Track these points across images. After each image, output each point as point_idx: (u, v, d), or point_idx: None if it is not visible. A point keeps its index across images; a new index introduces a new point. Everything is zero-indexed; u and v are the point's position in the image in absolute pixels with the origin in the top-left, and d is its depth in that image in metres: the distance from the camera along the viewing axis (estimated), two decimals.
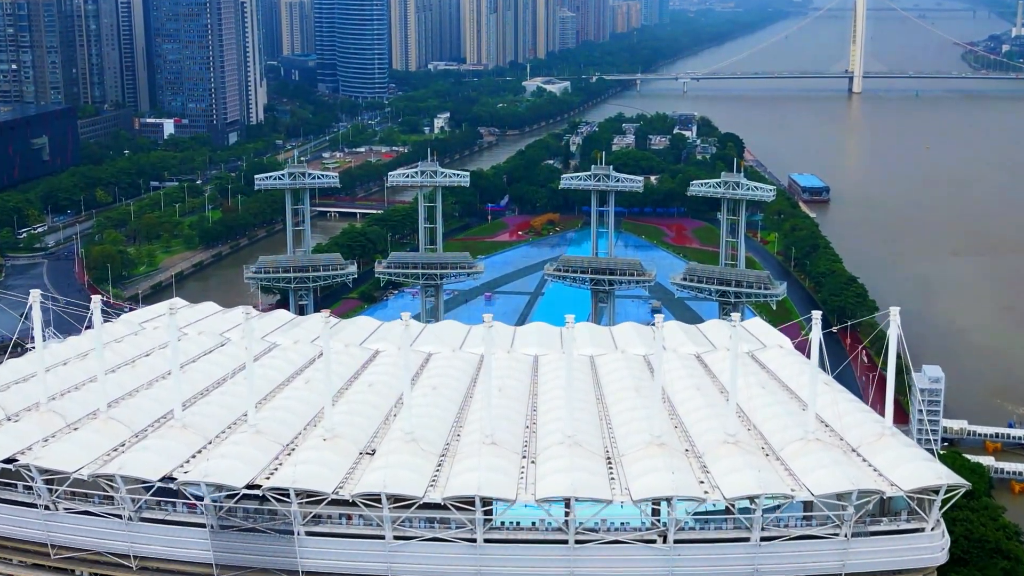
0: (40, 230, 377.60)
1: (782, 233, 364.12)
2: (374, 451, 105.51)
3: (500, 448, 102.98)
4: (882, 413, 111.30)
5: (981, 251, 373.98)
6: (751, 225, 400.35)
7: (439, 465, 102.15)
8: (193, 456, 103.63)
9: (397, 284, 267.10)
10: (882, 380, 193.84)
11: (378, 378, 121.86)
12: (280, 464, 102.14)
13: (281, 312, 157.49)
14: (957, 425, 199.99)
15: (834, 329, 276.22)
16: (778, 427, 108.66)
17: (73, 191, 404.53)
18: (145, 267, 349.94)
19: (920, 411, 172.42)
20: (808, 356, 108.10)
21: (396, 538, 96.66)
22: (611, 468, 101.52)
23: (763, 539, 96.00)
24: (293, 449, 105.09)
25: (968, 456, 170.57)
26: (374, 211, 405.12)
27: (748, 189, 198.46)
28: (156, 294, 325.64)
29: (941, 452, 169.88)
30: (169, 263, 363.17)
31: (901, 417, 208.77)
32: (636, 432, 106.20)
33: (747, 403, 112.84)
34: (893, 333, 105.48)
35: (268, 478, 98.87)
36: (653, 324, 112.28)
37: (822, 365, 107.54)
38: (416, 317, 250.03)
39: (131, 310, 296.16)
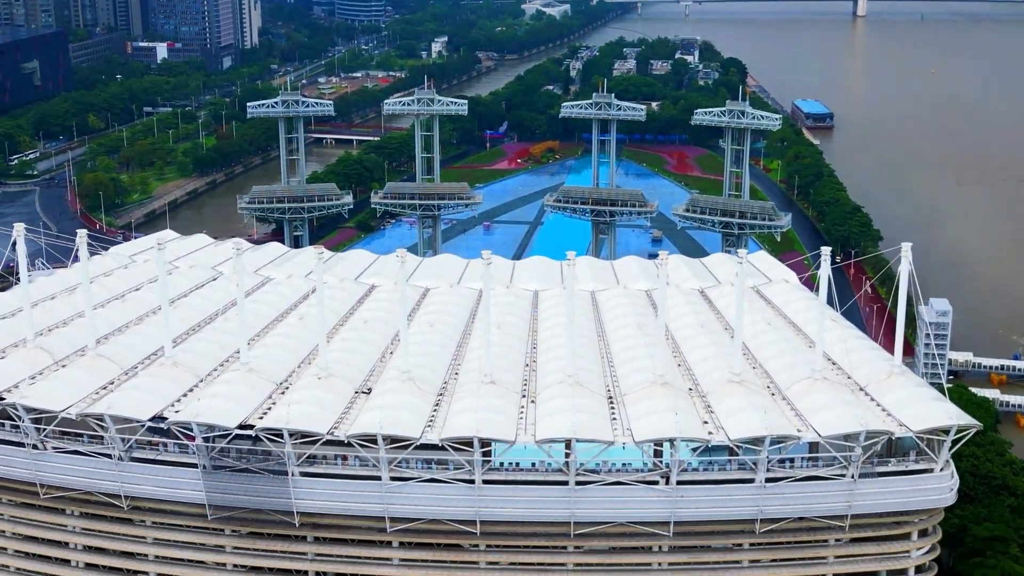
0: (32, 156, 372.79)
1: (785, 161, 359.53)
2: (370, 390, 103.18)
3: (499, 387, 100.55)
4: (889, 348, 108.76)
5: (988, 180, 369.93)
6: (753, 152, 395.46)
7: (436, 404, 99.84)
8: (184, 395, 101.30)
9: (394, 214, 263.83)
10: (887, 313, 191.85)
11: (374, 314, 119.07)
12: (273, 403, 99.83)
13: (274, 245, 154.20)
14: (962, 357, 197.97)
15: (838, 261, 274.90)
16: (784, 365, 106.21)
17: (65, 117, 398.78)
18: (138, 195, 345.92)
19: (927, 345, 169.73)
20: (816, 292, 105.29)
21: (393, 479, 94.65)
22: (613, 408, 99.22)
23: (768, 480, 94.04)
24: (287, 388, 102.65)
25: (974, 390, 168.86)
26: (371, 138, 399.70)
27: (753, 118, 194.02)
28: (149, 222, 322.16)
29: (947, 386, 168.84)
30: (163, 191, 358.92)
31: (907, 350, 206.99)
32: (638, 371, 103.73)
33: (752, 340, 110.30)
34: (904, 270, 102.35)
35: (261, 418, 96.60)
36: (656, 257, 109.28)
37: (830, 302, 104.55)
38: (413, 248, 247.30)
39: (124, 238, 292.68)
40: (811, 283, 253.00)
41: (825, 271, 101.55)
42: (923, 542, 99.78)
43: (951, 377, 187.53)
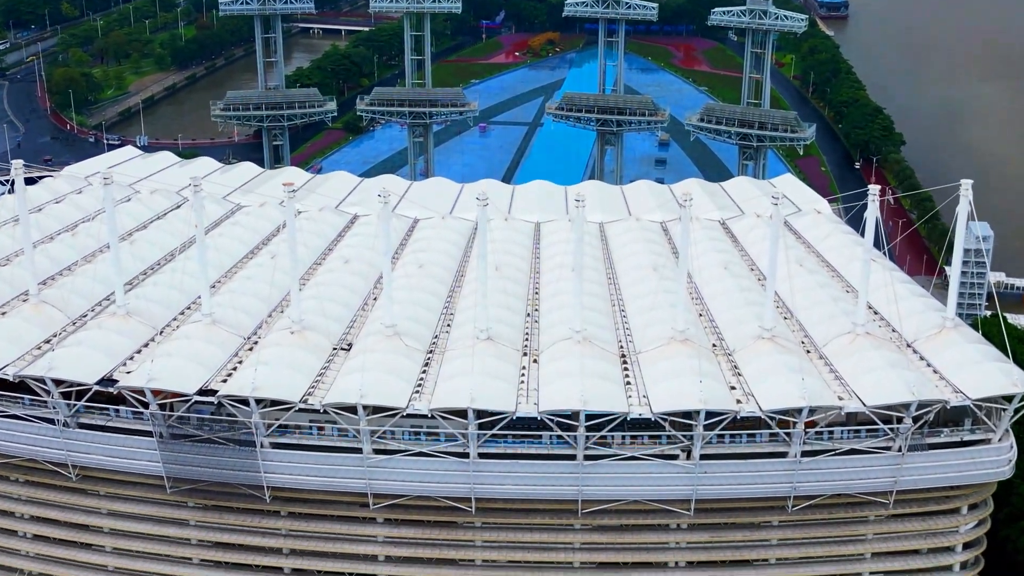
0: (1, 48, 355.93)
1: (799, 56, 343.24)
2: (350, 345, 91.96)
3: (497, 345, 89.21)
4: (917, 270, 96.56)
5: (1011, 74, 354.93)
6: None
7: (426, 364, 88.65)
8: (138, 351, 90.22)
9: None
10: (915, 235, 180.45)
11: (356, 252, 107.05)
12: (240, 362, 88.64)
13: (247, 165, 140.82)
14: (994, 278, 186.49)
15: (858, 167, 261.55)
16: (821, 316, 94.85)
17: (36, 4, 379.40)
18: (113, 91, 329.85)
19: (964, 272, 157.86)
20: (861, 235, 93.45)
21: (376, 452, 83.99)
22: (627, 370, 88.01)
23: (804, 454, 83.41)
24: (255, 343, 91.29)
25: (1010, 318, 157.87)
26: (360, 28, 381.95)
27: (776, 18, 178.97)
28: (124, 121, 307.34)
29: (983, 317, 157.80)
30: (139, 86, 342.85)
31: (935, 270, 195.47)
32: (655, 323, 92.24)
33: (783, 284, 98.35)
34: (963, 210, 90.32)
35: (225, 380, 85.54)
36: (663, 164, 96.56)
37: (877, 245, 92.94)
38: (403, 152, 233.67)
39: (96, 140, 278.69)
40: (830, 192, 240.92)
41: (872, 212, 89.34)
42: (973, 516, 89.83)
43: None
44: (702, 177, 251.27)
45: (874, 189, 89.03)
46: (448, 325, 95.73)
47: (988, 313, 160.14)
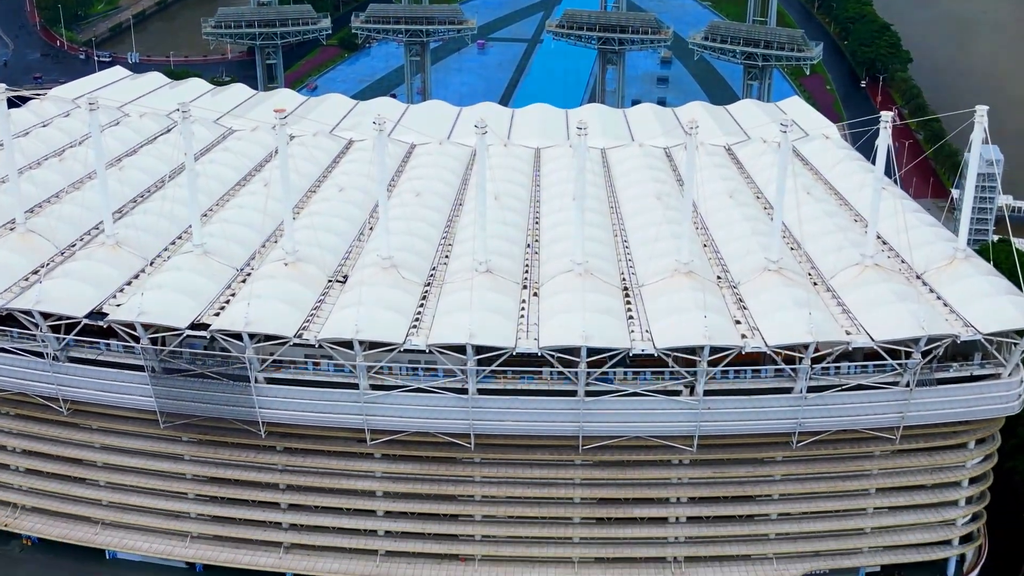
0: None
1: None
2: (346, 277, 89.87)
3: (496, 277, 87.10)
4: (922, 193, 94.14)
5: None
6: None
7: (424, 297, 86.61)
8: (128, 283, 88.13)
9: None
10: (923, 159, 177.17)
11: (351, 179, 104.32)
12: (233, 295, 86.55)
13: (239, 87, 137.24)
14: (1001, 200, 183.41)
15: (864, 86, 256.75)
16: (829, 246, 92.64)
17: None
18: (103, 5, 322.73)
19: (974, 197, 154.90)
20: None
21: (373, 387, 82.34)
22: (629, 303, 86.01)
23: (810, 390, 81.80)
24: (249, 275, 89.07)
25: (1017, 243, 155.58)
26: None
27: None
28: (115, 37, 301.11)
29: (992, 242, 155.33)
30: (130, 0, 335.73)
31: (942, 193, 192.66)
32: (659, 255, 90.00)
33: (790, 213, 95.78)
34: (978, 137, 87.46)
35: (218, 314, 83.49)
36: (666, 83, 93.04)
37: (888, 173, 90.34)
38: (400, 70, 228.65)
39: (87, 57, 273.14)
40: (835, 113, 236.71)
41: (884, 140, 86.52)
42: (980, 451, 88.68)
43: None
44: (705, 96, 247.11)
45: (886, 116, 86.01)
46: (446, 256, 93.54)
47: (997, 238, 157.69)
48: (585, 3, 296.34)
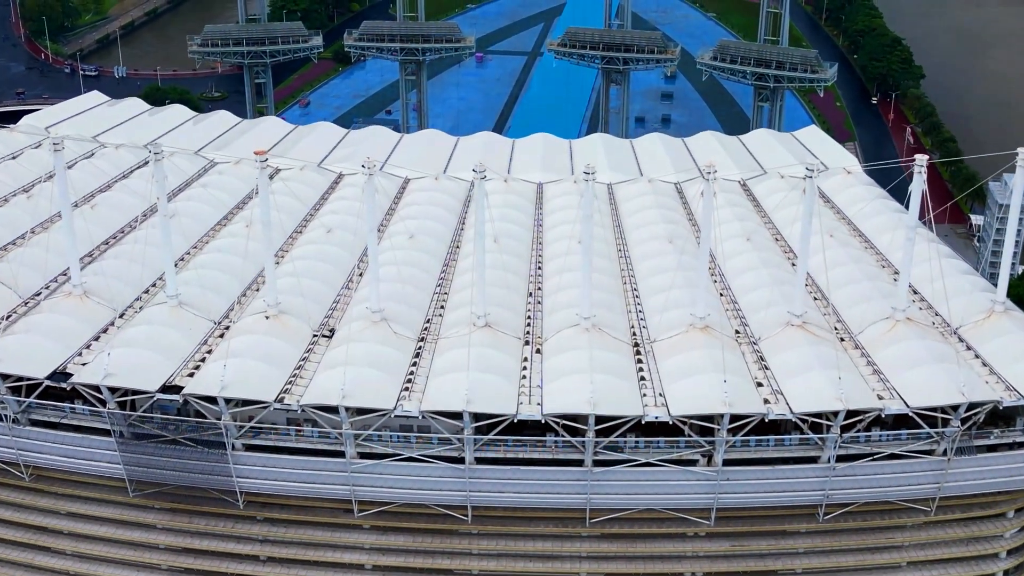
0: None
1: None
2: (332, 331, 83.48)
3: (496, 332, 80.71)
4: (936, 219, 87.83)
5: None
6: None
7: (417, 354, 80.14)
8: (96, 338, 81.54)
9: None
10: (939, 179, 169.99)
11: (340, 219, 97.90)
12: (210, 351, 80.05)
13: (222, 114, 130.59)
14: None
15: (874, 101, 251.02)
16: (856, 297, 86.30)
17: None
18: (91, 16, 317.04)
19: (998, 230, 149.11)
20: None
21: (362, 455, 75.84)
22: (640, 363, 79.55)
23: (838, 459, 75.37)
24: (227, 328, 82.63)
25: None
26: None
27: None
28: (103, 49, 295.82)
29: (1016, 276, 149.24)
30: (119, 10, 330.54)
31: (959, 217, 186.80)
32: (672, 306, 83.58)
33: (813, 258, 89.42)
34: (1020, 181, 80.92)
35: (192, 374, 76.98)
36: (670, 99, 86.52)
37: (921, 218, 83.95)
38: (395, 86, 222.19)
39: (72, 70, 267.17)
40: (845, 130, 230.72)
41: (919, 185, 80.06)
42: (1019, 520, 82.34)
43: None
44: (711, 113, 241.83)
45: (921, 159, 79.56)
46: (442, 307, 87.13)
47: (1022, 269, 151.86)
48: (586, 13, 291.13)
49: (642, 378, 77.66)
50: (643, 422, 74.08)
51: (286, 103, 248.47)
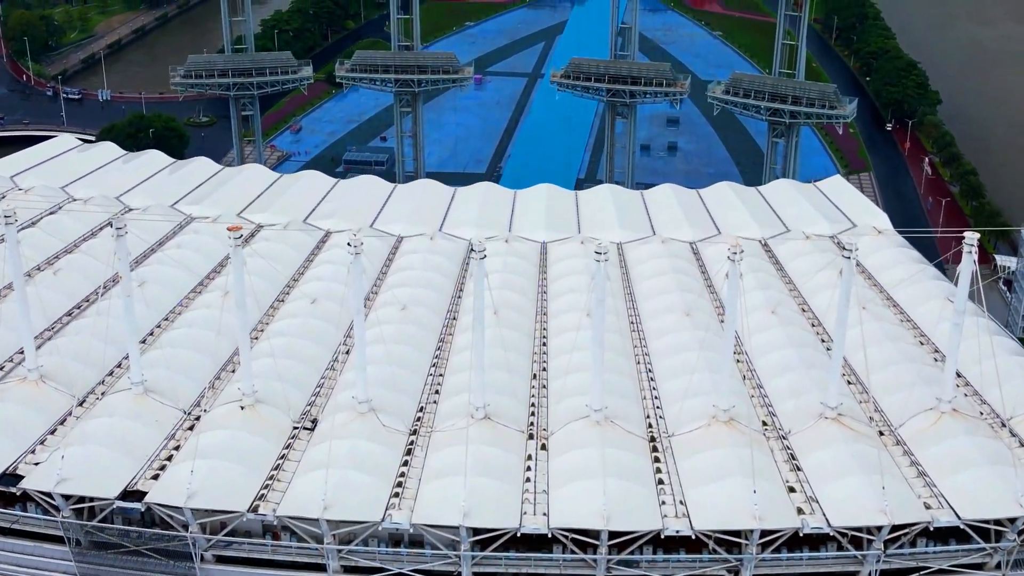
0: None
1: None
2: (315, 422, 75.85)
3: (496, 426, 73.19)
4: (957, 258, 79.59)
5: None
6: None
7: (409, 452, 72.46)
8: (52, 431, 73.77)
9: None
10: (959, 214, 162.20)
11: (325, 287, 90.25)
12: (177, 448, 72.40)
13: (201, 160, 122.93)
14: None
15: (889, 128, 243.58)
16: (895, 382, 78.61)
17: None
18: (77, 34, 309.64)
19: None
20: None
21: (346, 570, 68.23)
22: (658, 461, 71.88)
23: (881, 574, 67.73)
24: (197, 419, 74.99)
25: None
26: None
27: None
28: (87, 69, 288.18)
29: None
30: (105, 28, 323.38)
31: (983, 257, 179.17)
32: (692, 393, 75.99)
33: (838, 322, 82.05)
34: None
35: (157, 476, 69.31)
36: (676, 124, 79.04)
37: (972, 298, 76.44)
38: (391, 110, 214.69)
39: (55, 93, 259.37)
40: (860, 160, 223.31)
41: (968, 265, 72.50)
42: None
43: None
44: (719, 140, 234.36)
45: (971, 238, 72.00)
46: (436, 391, 79.53)
47: None
48: (588, 33, 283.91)
49: (660, 481, 70.02)
50: (662, 536, 66.63)
51: (277, 128, 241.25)
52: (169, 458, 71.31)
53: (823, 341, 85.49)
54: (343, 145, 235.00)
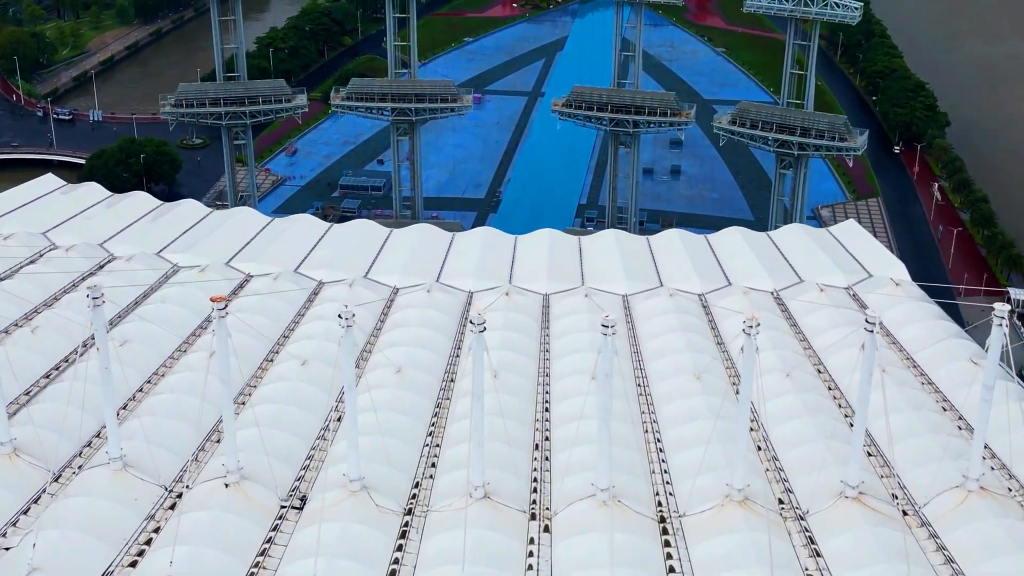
0: None
1: None
2: (304, 500, 71.87)
3: (496, 506, 69.26)
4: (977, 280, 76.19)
5: None
6: None
7: (403, 534, 68.46)
8: (25, 510, 69.72)
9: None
10: (970, 243, 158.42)
11: (317, 346, 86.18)
12: (158, 529, 68.42)
13: (189, 203, 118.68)
14: None
15: (897, 151, 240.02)
16: (917, 455, 74.80)
17: None
18: (69, 50, 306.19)
19: None
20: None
21: None
22: (668, 546, 67.88)
23: None
24: (179, 496, 70.98)
25: None
26: None
27: (826, 6, 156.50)
28: (79, 88, 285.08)
29: None
30: (98, 43, 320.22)
31: (996, 287, 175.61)
32: (704, 468, 71.99)
33: (860, 400, 78.24)
34: None
35: (134, 564, 65.31)
36: (679, 145, 74.47)
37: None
38: (386, 133, 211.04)
39: (45, 114, 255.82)
40: (867, 184, 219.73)
41: (998, 339, 68.51)
42: None
43: None
44: (722, 163, 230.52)
45: (1001, 309, 68.04)
46: (433, 464, 75.55)
47: None
48: (588, 50, 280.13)
49: (671, 569, 66.05)
50: None
51: (272, 150, 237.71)
52: (148, 542, 67.35)
53: (840, 407, 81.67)
54: (339, 168, 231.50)
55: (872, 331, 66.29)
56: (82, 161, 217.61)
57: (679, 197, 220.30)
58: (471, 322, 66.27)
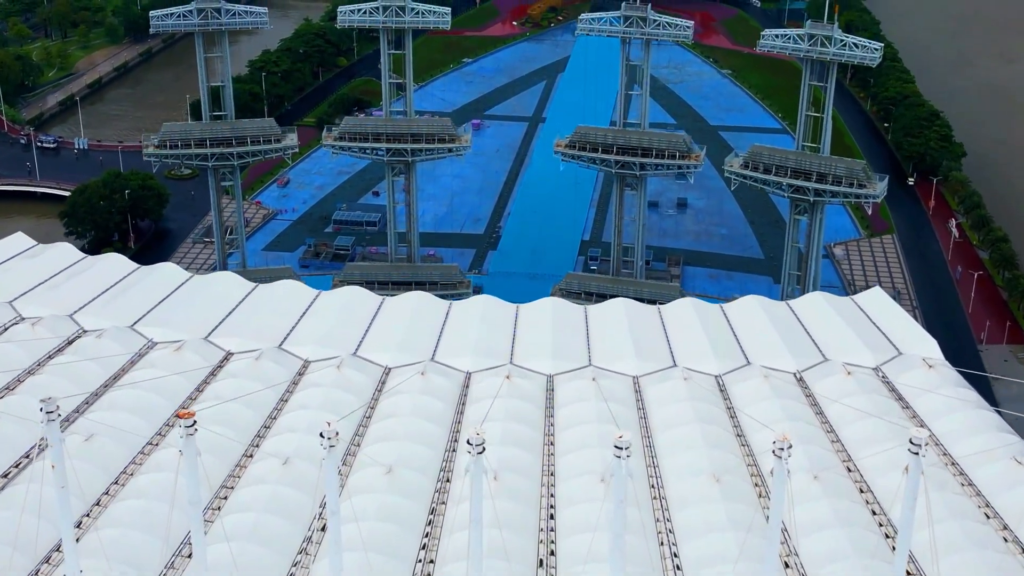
0: None
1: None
2: None
3: None
4: (1000, 324, 70.49)
5: None
6: (792, 15, 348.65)
7: None
8: None
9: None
10: (990, 285, 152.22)
11: (300, 441, 79.52)
12: None
13: (167, 267, 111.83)
14: None
15: (911, 182, 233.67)
16: (961, 570, 68.17)
17: None
18: (56, 71, 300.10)
19: None
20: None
21: None
22: None
23: None
24: None
25: None
26: None
27: (844, 46, 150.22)
28: (65, 112, 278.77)
29: None
30: (86, 64, 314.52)
31: (1020, 336, 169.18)
32: None
33: (890, 499, 72.15)
34: None
35: None
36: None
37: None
38: (373, 166, 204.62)
39: (29, 141, 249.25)
40: (881, 219, 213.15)
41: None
42: None
43: None
44: (730, 196, 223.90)
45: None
46: None
47: None
48: (590, 69, 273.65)
49: None
50: None
51: (263, 181, 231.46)
52: None
53: (875, 514, 75.06)
54: (333, 200, 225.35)
55: (917, 453, 59.61)
56: (66, 193, 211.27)
57: (686, 232, 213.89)
58: (468, 443, 59.65)
